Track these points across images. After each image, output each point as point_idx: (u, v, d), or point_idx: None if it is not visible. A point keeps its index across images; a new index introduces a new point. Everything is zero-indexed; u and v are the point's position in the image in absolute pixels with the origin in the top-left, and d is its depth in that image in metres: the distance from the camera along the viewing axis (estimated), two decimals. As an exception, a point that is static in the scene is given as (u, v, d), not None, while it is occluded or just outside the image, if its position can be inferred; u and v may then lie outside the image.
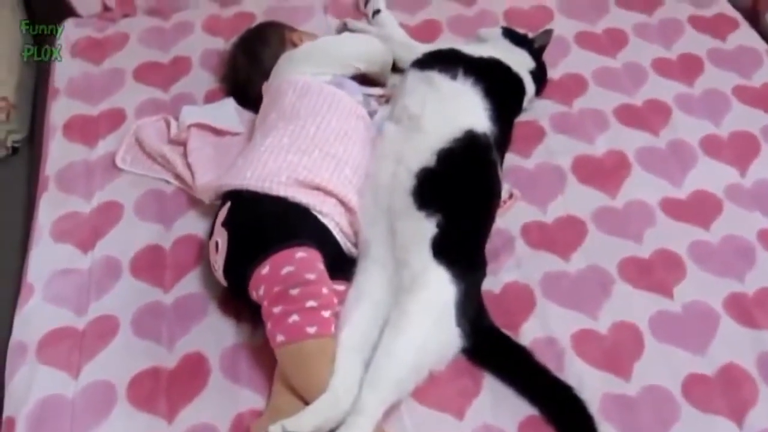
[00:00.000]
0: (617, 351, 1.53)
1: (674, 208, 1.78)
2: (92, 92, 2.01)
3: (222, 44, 2.14)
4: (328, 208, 1.61)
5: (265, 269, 1.46)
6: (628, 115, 1.96)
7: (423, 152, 1.64)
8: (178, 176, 1.85)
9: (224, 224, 1.59)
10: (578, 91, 2.03)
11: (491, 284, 1.62)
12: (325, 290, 1.46)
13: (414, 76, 1.81)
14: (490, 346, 1.55)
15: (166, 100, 2.01)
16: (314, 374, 1.40)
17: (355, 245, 1.64)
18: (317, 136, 1.67)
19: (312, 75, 1.77)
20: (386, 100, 1.90)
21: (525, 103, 1.94)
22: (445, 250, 1.53)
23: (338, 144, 1.68)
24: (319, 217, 1.60)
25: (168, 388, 1.50)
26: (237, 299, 1.57)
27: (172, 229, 1.73)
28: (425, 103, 1.70)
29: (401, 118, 1.73)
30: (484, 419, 1.47)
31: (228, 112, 1.94)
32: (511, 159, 1.87)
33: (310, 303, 1.43)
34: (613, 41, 2.15)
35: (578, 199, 1.78)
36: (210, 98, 1.99)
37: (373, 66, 1.93)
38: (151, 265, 1.66)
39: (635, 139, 1.91)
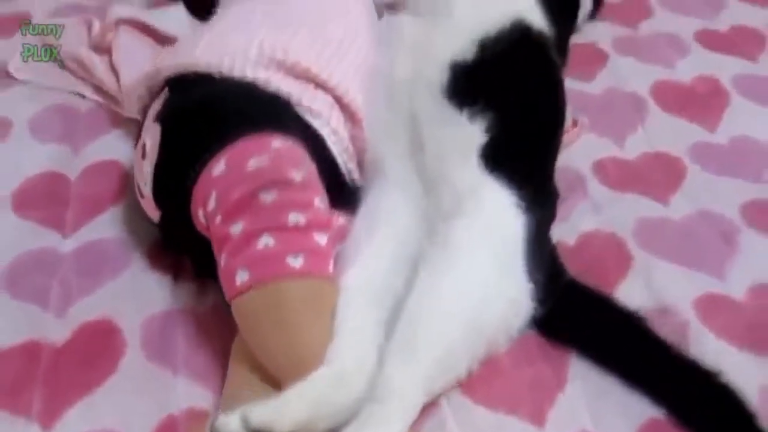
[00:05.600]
0: (764, 325, 1.03)
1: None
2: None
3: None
4: (320, 106, 1.04)
5: (218, 168, 0.87)
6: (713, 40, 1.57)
7: (458, 40, 1.10)
8: (97, 88, 1.32)
9: (157, 118, 1.00)
10: (643, 15, 1.65)
11: (562, 232, 1.08)
12: (318, 202, 0.88)
13: None
14: (579, 313, 0.98)
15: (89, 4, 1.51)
16: (300, 338, 0.81)
17: (360, 168, 1.07)
18: (306, 10, 1.13)
19: None
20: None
21: (580, 19, 1.44)
22: (501, 160, 0.98)
23: (335, 26, 1.13)
24: (307, 118, 1.03)
25: (49, 374, 0.92)
26: (175, 253, 1.06)
27: (82, 154, 1.25)
28: None
29: (420, 3, 1.21)
30: (581, 425, 0.89)
31: (175, 18, 1.39)
32: (569, 84, 1.35)
33: (295, 217, 0.84)
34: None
35: (666, 133, 1.36)
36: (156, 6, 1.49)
37: None
38: (45, 198, 1.17)
39: (728, 65, 1.51)
